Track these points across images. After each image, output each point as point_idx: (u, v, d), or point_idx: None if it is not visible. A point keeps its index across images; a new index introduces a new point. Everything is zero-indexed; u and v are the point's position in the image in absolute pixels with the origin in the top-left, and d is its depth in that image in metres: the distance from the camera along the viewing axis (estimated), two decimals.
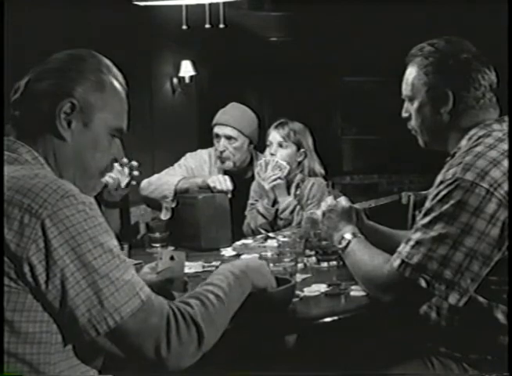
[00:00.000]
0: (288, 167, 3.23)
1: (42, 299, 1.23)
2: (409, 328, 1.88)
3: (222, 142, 3.40)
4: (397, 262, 1.68)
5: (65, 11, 4.79)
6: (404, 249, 1.68)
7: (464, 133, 1.79)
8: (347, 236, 1.95)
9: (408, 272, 1.65)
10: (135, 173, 2.85)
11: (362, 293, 1.89)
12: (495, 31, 1.88)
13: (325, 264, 2.28)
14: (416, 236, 1.67)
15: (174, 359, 1.29)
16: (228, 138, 3.41)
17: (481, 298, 1.68)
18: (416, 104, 1.87)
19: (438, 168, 1.79)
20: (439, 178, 1.72)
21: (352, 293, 1.92)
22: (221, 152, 3.41)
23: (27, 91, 1.41)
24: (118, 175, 2.78)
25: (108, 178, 2.74)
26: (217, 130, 3.42)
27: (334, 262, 2.27)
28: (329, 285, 2.00)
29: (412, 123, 1.91)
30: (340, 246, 1.97)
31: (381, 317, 1.88)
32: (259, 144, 3.54)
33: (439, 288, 1.62)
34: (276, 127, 3.29)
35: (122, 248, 2.24)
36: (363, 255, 1.85)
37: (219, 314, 1.39)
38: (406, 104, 1.93)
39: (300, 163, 3.31)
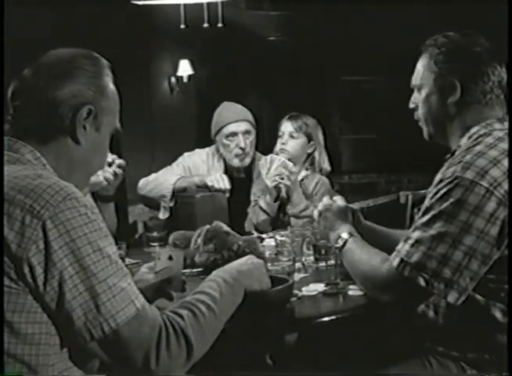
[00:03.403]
0: (295, 169, 3.23)
1: (41, 300, 1.23)
2: (407, 327, 1.88)
3: (242, 139, 3.37)
4: (396, 261, 1.68)
5: (64, 10, 4.79)
6: (403, 248, 1.68)
7: (466, 130, 1.79)
8: (344, 235, 1.95)
9: (407, 271, 1.65)
10: (120, 163, 2.78)
11: (360, 292, 1.89)
12: (495, 31, 1.88)
13: (323, 263, 2.28)
14: (416, 234, 1.67)
15: (162, 372, 1.29)
16: (246, 133, 3.39)
17: (478, 297, 1.68)
18: (424, 93, 1.87)
19: (437, 167, 1.79)
20: (438, 176, 1.71)
21: (350, 292, 1.92)
22: (243, 148, 3.38)
23: (36, 95, 1.41)
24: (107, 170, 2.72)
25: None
26: (233, 128, 3.37)
27: (332, 261, 2.27)
28: (327, 284, 2.01)
29: (419, 112, 1.91)
30: (338, 245, 1.96)
31: (379, 317, 1.88)
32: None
33: (438, 287, 1.62)
34: (289, 118, 3.33)
35: (120, 248, 2.24)
36: (361, 254, 1.85)
37: (210, 325, 1.39)
38: (415, 94, 1.92)
39: (309, 156, 3.35)
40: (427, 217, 1.66)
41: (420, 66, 1.89)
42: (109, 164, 2.66)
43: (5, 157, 1.35)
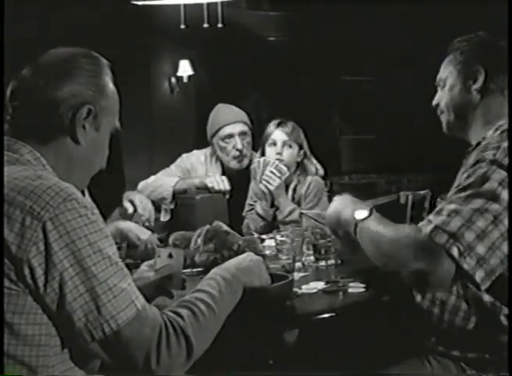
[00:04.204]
0: (288, 173, 3.17)
1: (41, 302, 1.24)
2: (406, 326, 1.88)
3: (239, 141, 3.37)
4: (429, 228, 1.58)
5: (64, 10, 4.79)
6: (437, 218, 1.59)
7: (489, 122, 1.79)
8: (365, 209, 1.80)
9: (443, 238, 1.55)
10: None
11: (361, 290, 1.90)
12: (495, 31, 1.89)
13: (323, 263, 2.28)
14: (452, 206, 1.59)
15: (163, 371, 1.30)
16: (242, 134, 3.38)
17: (486, 298, 1.68)
18: (448, 85, 1.88)
19: (437, 167, 1.78)
20: (472, 159, 1.68)
21: (350, 290, 1.92)
22: (241, 150, 3.37)
23: (36, 95, 1.40)
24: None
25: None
26: (229, 130, 3.37)
27: (332, 261, 2.28)
28: (327, 282, 2.01)
29: (442, 104, 1.91)
30: (358, 217, 1.78)
31: (379, 314, 1.88)
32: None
33: (470, 262, 1.54)
34: (279, 125, 3.24)
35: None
36: (389, 226, 1.72)
37: (209, 324, 1.40)
38: (438, 91, 1.94)
39: (299, 164, 3.29)
40: (464, 193, 1.60)
41: (445, 62, 1.91)
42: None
43: (5, 158, 1.35)
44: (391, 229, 1.69)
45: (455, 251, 1.54)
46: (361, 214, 1.77)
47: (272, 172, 3.14)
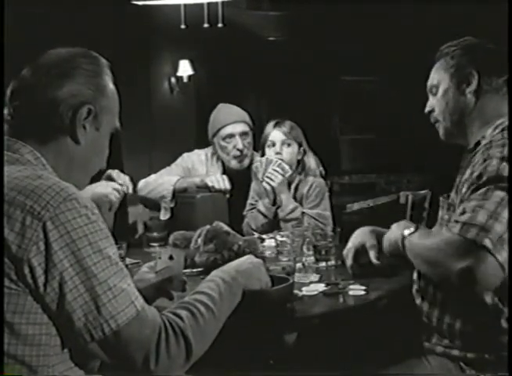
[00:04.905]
0: (290, 171, 3.16)
1: (41, 301, 1.24)
2: (407, 327, 1.88)
3: (240, 140, 3.37)
4: (458, 227, 1.56)
5: (64, 10, 4.80)
6: (462, 217, 1.57)
7: (486, 122, 1.79)
8: (411, 226, 1.80)
9: (473, 232, 1.53)
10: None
11: (361, 292, 1.90)
12: (495, 32, 1.90)
13: (323, 263, 2.28)
14: (473, 203, 1.57)
15: (162, 372, 1.30)
16: (243, 134, 3.39)
17: (487, 299, 1.67)
18: (441, 90, 1.88)
19: (436, 167, 1.78)
20: (478, 158, 1.67)
21: (351, 292, 1.92)
22: (241, 150, 3.37)
23: (36, 95, 1.41)
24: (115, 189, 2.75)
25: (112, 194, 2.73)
26: (230, 130, 3.37)
27: (333, 262, 2.27)
28: (327, 284, 2.01)
29: (436, 111, 1.90)
30: (405, 233, 1.78)
31: (379, 316, 1.88)
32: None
33: (503, 254, 1.51)
34: (276, 125, 3.24)
35: (120, 248, 2.25)
36: (428, 235, 1.71)
37: (209, 325, 1.40)
38: (430, 98, 1.93)
39: (299, 162, 3.28)
40: (482, 190, 1.58)
41: (435, 68, 1.91)
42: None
43: (5, 158, 1.35)
44: (429, 239, 1.68)
45: (488, 243, 1.51)
46: (407, 230, 1.77)
47: (274, 170, 3.14)
